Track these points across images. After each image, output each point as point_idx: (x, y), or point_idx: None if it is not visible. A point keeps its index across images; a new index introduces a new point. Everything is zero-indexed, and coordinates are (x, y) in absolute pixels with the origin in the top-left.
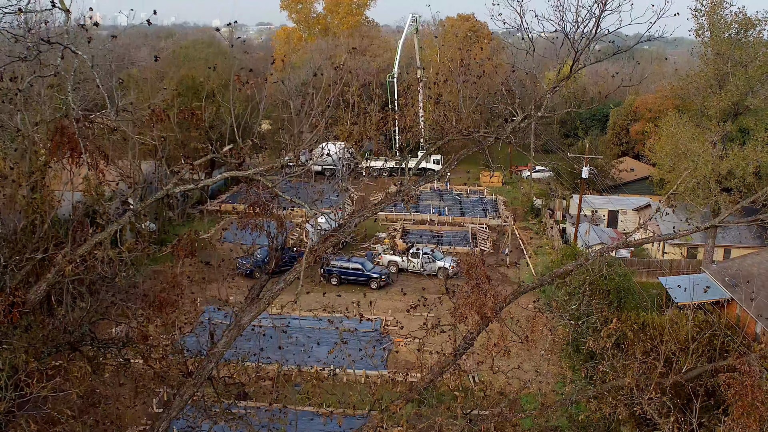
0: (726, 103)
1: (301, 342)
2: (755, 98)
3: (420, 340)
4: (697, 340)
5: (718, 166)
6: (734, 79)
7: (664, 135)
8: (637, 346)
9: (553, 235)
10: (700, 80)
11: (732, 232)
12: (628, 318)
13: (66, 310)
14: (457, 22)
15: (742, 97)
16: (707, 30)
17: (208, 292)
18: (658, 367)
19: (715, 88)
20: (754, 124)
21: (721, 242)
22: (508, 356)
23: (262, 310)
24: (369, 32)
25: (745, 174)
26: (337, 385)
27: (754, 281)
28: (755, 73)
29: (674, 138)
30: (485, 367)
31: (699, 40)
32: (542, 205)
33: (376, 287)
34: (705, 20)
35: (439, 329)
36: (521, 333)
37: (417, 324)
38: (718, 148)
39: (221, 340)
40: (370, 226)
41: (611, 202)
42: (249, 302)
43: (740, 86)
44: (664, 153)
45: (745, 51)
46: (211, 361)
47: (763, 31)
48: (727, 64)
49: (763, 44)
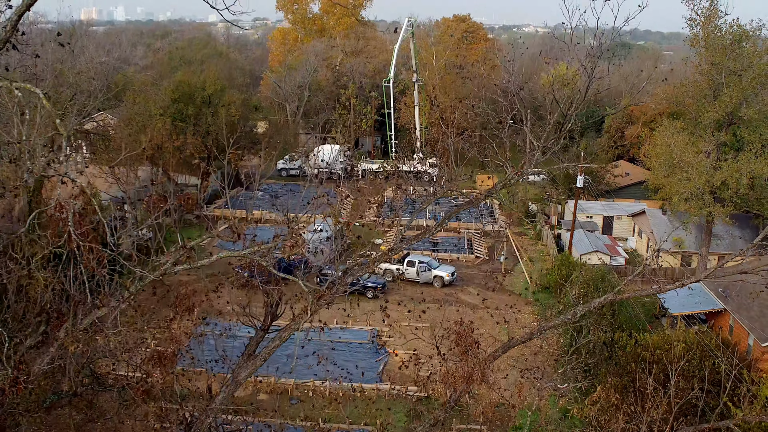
0: (720, 113)
1: (294, 354)
2: (749, 109)
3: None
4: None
5: (712, 177)
6: (728, 90)
7: (658, 143)
8: (620, 413)
9: (548, 242)
10: (694, 89)
11: (726, 239)
12: (621, 338)
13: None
14: (453, 23)
15: (737, 108)
16: (702, 40)
17: (204, 302)
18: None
19: (710, 98)
20: (748, 134)
21: (716, 250)
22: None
23: (259, 366)
24: (365, 33)
25: (739, 186)
26: (333, 398)
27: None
28: (749, 84)
29: (668, 148)
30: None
31: (694, 50)
32: (538, 210)
33: (372, 296)
34: (700, 30)
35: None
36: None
37: (412, 335)
38: (712, 158)
39: (219, 396)
40: (367, 232)
41: (606, 208)
42: (246, 358)
43: (734, 97)
44: (658, 163)
45: (739, 61)
46: (209, 416)
47: (758, 40)
48: (722, 74)
49: (758, 54)
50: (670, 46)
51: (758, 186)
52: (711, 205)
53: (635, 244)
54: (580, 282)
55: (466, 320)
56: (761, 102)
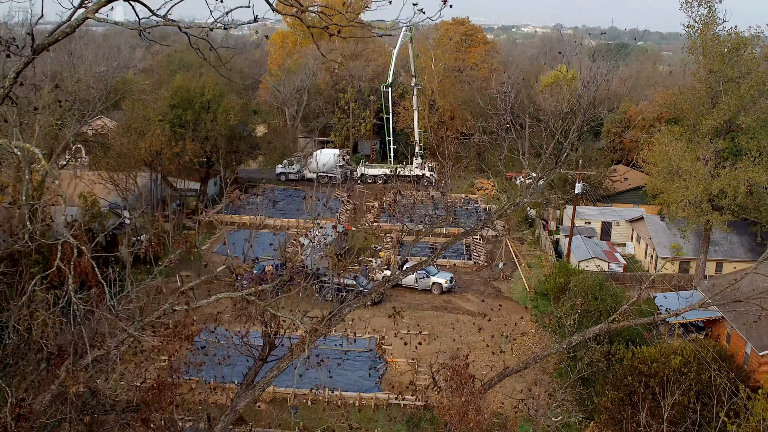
0: (718, 121)
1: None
2: (747, 117)
3: (414, 360)
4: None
5: (709, 185)
6: (726, 98)
7: (657, 150)
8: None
9: (546, 248)
10: (692, 97)
11: (724, 246)
12: (618, 350)
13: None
14: (452, 27)
15: (735, 116)
16: (700, 47)
17: (204, 309)
18: None
19: (708, 106)
20: (746, 142)
21: (714, 256)
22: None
23: (257, 396)
24: (364, 35)
25: (737, 194)
26: (332, 407)
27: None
28: (747, 92)
29: (667, 156)
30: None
31: (692, 57)
32: (536, 216)
33: (371, 304)
34: (698, 37)
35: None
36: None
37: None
38: (710, 166)
39: (218, 425)
40: (365, 238)
41: (604, 213)
42: (245, 388)
43: (732, 105)
44: (656, 170)
45: (738, 68)
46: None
47: (756, 47)
48: (720, 82)
49: (756, 61)
50: (669, 46)
51: (756, 193)
52: (709, 214)
53: (633, 249)
54: (578, 291)
55: (463, 329)
56: (759, 110)
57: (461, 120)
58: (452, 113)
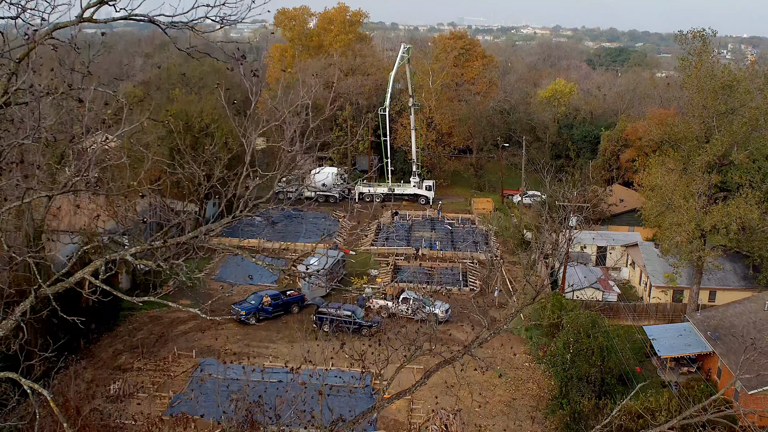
0: (711, 157)
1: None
2: (739, 153)
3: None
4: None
5: (702, 221)
6: (719, 135)
7: (652, 173)
8: None
9: (542, 273)
10: (686, 131)
11: (717, 274)
12: (606, 404)
13: None
14: (450, 41)
15: (728, 151)
16: (695, 84)
17: (202, 341)
18: None
19: (702, 140)
20: (739, 177)
21: (707, 284)
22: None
23: None
24: (362, 50)
25: (729, 230)
26: None
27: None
28: (739, 129)
29: (660, 191)
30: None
31: (686, 93)
32: (533, 238)
33: (367, 335)
34: (692, 73)
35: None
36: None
37: (407, 379)
38: (703, 200)
39: None
40: (362, 262)
41: (599, 238)
42: None
43: (725, 142)
44: (650, 206)
45: (730, 103)
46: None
47: (750, 83)
48: (713, 117)
49: (750, 95)
50: (668, 48)
51: (748, 228)
52: (701, 250)
53: (628, 275)
54: (571, 329)
55: (458, 363)
56: (752, 146)
57: (459, 138)
58: (450, 129)
